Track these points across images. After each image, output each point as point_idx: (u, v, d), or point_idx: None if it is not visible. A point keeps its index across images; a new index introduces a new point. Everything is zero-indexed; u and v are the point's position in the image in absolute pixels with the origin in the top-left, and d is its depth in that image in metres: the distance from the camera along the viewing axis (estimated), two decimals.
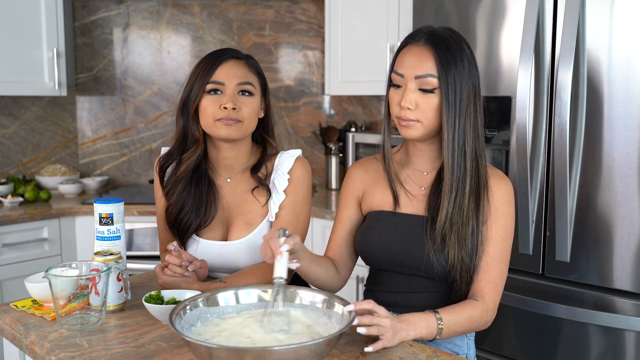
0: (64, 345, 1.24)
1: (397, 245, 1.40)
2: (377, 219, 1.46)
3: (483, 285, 1.36)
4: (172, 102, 3.64)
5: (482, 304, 1.35)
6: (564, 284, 1.92)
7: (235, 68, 1.55)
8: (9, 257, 2.79)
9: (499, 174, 1.42)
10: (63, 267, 1.37)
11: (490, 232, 1.37)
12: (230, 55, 1.57)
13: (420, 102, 1.33)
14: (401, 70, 1.35)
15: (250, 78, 1.57)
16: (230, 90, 1.53)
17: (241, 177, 1.64)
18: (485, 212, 1.36)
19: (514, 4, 1.98)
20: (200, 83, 1.53)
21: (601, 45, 1.80)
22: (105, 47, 3.58)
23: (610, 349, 1.83)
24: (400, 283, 1.43)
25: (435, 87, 1.32)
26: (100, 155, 3.66)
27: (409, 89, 1.34)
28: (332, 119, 3.64)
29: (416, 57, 1.34)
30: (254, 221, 1.61)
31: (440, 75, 1.31)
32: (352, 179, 1.54)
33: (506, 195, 1.39)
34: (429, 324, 1.27)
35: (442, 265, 1.35)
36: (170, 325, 1.08)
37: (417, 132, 1.36)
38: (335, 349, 1.20)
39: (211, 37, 3.60)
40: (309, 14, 3.56)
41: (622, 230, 1.79)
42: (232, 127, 1.53)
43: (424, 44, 1.34)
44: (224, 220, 1.64)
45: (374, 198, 1.49)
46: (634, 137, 1.76)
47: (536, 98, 1.94)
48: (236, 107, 1.52)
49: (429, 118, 1.34)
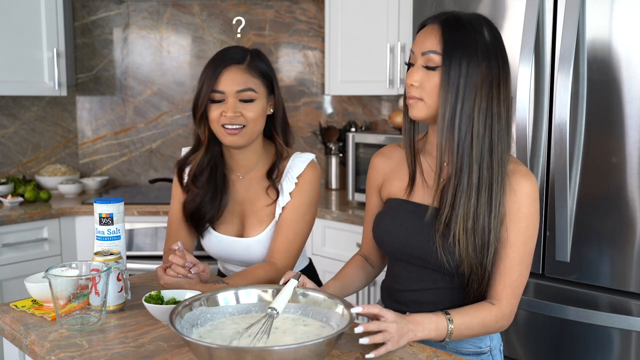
0: (64, 345, 1.24)
1: (409, 235, 1.37)
2: (393, 207, 1.44)
3: (501, 290, 1.31)
4: (172, 102, 3.64)
5: (497, 309, 1.30)
6: (564, 284, 1.92)
7: (235, 75, 1.57)
8: (9, 257, 2.79)
9: (523, 170, 1.34)
10: (63, 267, 1.37)
11: (510, 235, 1.30)
12: (232, 61, 1.59)
13: (424, 80, 1.30)
14: (413, 48, 1.34)
15: (250, 83, 1.58)
16: (232, 98, 1.57)
17: (254, 175, 1.69)
18: (502, 209, 1.30)
19: (514, 4, 1.98)
20: (205, 91, 1.58)
21: (601, 45, 1.80)
22: (105, 47, 3.59)
23: (611, 349, 1.83)
24: (412, 275, 1.40)
25: (437, 64, 1.28)
26: (100, 155, 3.66)
27: (416, 66, 1.32)
28: (332, 119, 3.64)
29: (425, 34, 1.32)
30: (265, 219, 1.67)
31: (443, 52, 1.28)
32: (373, 169, 1.54)
33: (528, 195, 1.31)
34: (439, 326, 1.24)
35: (450, 261, 1.30)
36: (170, 325, 1.08)
37: (421, 112, 1.32)
38: (335, 349, 1.20)
39: (211, 37, 3.60)
40: (309, 14, 3.56)
41: (622, 230, 1.79)
42: (237, 135, 1.58)
43: (436, 22, 1.32)
44: (238, 215, 1.70)
45: (392, 185, 1.47)
46: (634, 137, 1.76)
47: (536, 98, 1.94)
48: (237, 113, 1.57)
49: (431, 96, 1.30)
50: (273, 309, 1.18)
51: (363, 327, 1.16)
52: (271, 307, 1.19)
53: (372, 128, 3.48)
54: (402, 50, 2.87)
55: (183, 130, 3.66)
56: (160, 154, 3.67)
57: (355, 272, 1.54)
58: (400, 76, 2.88)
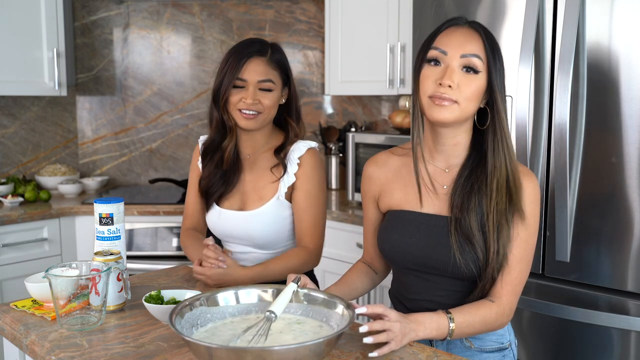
0: (64, 345, 1.24)
1: (422, 248, 1.35)
2: (398, 219, 1.40)
3: (501, 287, 1.31)
4: (172, 102, 3.64)
5: (497, 306, 1.30)
6: (563, 284, 1.92)
7: (257, 66, 1.71)
8: (9, 257, 2.79)
9: (525, 170, 1.36)
10: (63, 267, 1.37)
11: (513, 232, 1.31)
12: (256, 52, 1.72)
13: (462, 83, 1.27)
14: (444, 47, 1.29)
15: (270, 75, 1.72)
16: (252, 87, 1.70)
17: (260, 156, 1.81)
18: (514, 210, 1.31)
19: (514, 4, 1.98)
20: (229, 79, 1.70)
21: (601, 45, 1.80)
22: (105, 47, 3.58)
23: (610, 348, 1.83)
24: (425, 284, 1.39)
25: (481, 69, 1.28)
26: (100, 155, 3.66)
27: (453, 67, 1.27)
28: (332, 119, 3.64)
29: (463, 37, 1.29)
30: (265, 196, 1.77)
31: (488, 58, 1.28)
32: (368, 179, 1.51)
33: (531, 194, 1.33)
34: (440, 325, 1.24)
35: (470, 267, 1.30)
36: (171, 325, 1.08)
37: (452, 115, 1.28)
38: (335, 349, 1.20)
39: (211, 37, 3.60)
40: (309, 14, 3.56)
41: (622, 230, 1.79)
42: (252, 120, 1.71)
43: (469, 27, 1.31)
44: (241, 192, 1.81)
45: (393, 197, 1.44)
46: (634, 137, 1.76)
47: (536, 98, 1.94)
48: (256, 100, 1.69)
49: (468, 100, 1.27)
50: (271, 312, 1.18)
51: (367, 326, 1.16)
52: (269, 310, 1.18)
53: (372, 128, 3.48)
54: (402, 50, 2.87)
55: (183, 130, 3.66)
56: (160, 154, 3.68)
57: (359, 278, 1.52)
58: (400, 76, 2.88)
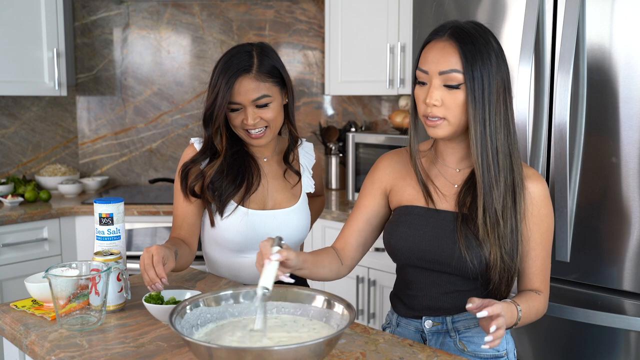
0: (64, 345, 1.24)
1: (428, 240, 1.37)
2: (407, 214, 1.42)
3: (538, 285, 1.40)
4: (172, 102, 3.64)
5: (544, 298, 1.39)
6: (563, 284, 1.92)
7: (248, 85, 1.59)
8: (9, 257, 2.79)
9: (533, 173, 1.39)
10: (63, 267, 1.37)
11: (536, 236, 1.37)
12: (242, 70, 1.59)
13: (445, 99, 1.29)
14: (425, 67, 1.32)
15: (262, 89, 1.60)
16: (249, 107, 1.60)
17: (275, 158, 1.78)
18: (523, 211, 1.34)
19: (514, 4, 1.98)
20: (220, 103, 1.58)
21: (601, 45, 1.80)
22: (105, 47, 3.59)
23: (610, 349, 1.83)
24: (429, 280, 1.40)
25: (460, 82, 1.28)
26: (100, 155, 3.66)
27: (434, 85, 1.30)
28: (332, 119, 3.64)
29: (440, 53, 1.30)
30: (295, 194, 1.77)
31: (465, 70, 1.27)
32: (381, 170, 1.51)
33: (544, 196, 1.37)
34: (512, 314, 1.28)
35: (475, 263, 1.32)
36: (171, 325, 1.08)
37: (444, 131, 1.32)
38: (335, 349, 1.20)
39: (211, 37, 3.60)
40: (309, 14, 3.56)
41: (622, 230, 1.79)
42: (262, 137, 1.64)
43: (448, 38, 1.30)
44: (265, 193, 1.73)
45: (405, 193, 1.46)
46: (634, 137, 1.76)
47: (536, 98, 1.94)
48: (257, 118, 1.61)
49: (455, 115, 1.30)
50: (264, 288, 1.16)
51: (487, 311, 1.19)
52: (262, 287, 1.17)
53: (372, 128, 3.48)
54: (402, 50, 2.87)
55: (183, 130, 3.66)
56: (160, 154, 3.68)
57: (328, 261, 1.46)
58: (400, 76, 2.88)
